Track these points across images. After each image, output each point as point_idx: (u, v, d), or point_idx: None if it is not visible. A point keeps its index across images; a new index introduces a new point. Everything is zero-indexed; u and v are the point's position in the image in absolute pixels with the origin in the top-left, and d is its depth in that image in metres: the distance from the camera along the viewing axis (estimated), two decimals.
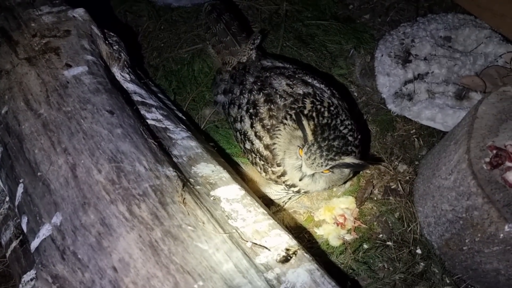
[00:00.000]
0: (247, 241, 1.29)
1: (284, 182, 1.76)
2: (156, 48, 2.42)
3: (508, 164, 1.36)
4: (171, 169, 1.31)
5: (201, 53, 2.35)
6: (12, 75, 1.43)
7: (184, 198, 1.20)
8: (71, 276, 1.10)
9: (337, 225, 1.90)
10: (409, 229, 1.83)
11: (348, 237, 1.87)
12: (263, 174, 1.81)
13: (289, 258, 1.32)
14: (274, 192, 1.91)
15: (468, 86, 2.03)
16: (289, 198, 1.96)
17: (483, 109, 1.49)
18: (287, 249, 1.34)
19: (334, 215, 1.93)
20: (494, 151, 1.39)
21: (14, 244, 1.55)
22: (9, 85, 1.41)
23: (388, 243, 1.81)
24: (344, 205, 1.95)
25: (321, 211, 1.96)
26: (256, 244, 1.30)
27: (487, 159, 1.39)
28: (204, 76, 2.27)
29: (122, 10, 2.53)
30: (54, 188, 1.21)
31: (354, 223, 1.90)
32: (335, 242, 1.85)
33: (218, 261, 1.11)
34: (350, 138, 1.62)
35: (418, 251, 1.78)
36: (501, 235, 1.33)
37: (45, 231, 1.20)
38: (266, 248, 1.30)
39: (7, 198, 1.60)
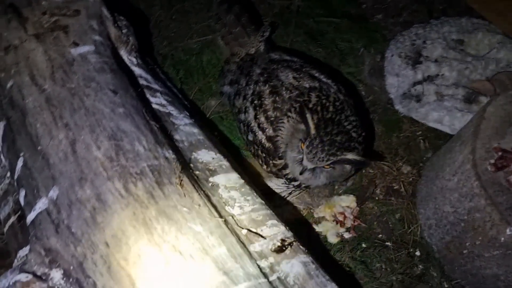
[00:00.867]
0: (242, 228, 1.28)
1: (285, 176, 1.75)
2: (166, 37, 2.42)
3: None
4: (170, 151, 1.30)
5: (211, 45, 2.34)
6: (20, 50, 1.44)
7: (182, 180, 1.20)
8: (64, 250, 1.10)
9: (337, 223, 1.88)
10: (409, 230, 1.80)
11: (347, 235, 1.85)
12: (265, 166, 1.80)
13: (284, 248, 1.31)
14: (275, 186, 1.89)
15: (478, 90, 2.00)
16: (290, 193, 1.95)
17: (491, 110, 1.46)
18: (283, 240, 1.33)
19: (334, 213, 1.91)
20: (500, 153, 1.37)
21: (12, 219, 1.55)
22: (16, 60, 1.42)
23: (387, 243, 1.79)
24: (344, 203, 1.93)
25: (321, 208, 1.94)
26: (251, 231, 1.29)
27: (492, 161, 1.37)
28: (212, 67, 2.27)
29: None
30: (53, 163, 1.21)
31: (354, 221, 1.88)
32: (333, 239, 1.83)
33: (211, 244, 1.09)
34: (353, 134, 1.61)
35: (417, 253, 1.75)
36: (502, 238, 1.31)
37: (41, 204, 1.20)
38: (262, 236, 1.29)
39: (8, 174, 1.61)
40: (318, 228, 1.87)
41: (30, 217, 1.23)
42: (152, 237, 1.05)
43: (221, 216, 1.21)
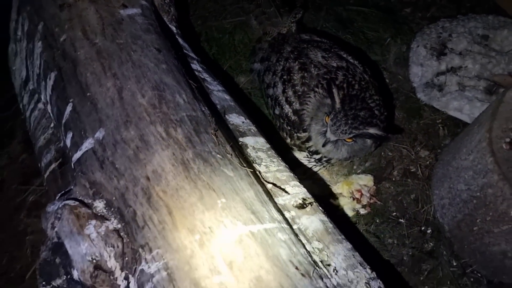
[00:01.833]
0: (268, 183, 1.38)
1: (307, 149, 1.84)
2: (201, 17, 2.54)
3: None
4: (206, 108, 1.41)
5: (244, 25, 2.45)
6: (73, 8, 1.56)
7: (217, 131, 1.30)
8: (107, 183, 1.21)
9: (353, 199, 1.97)
10: (423, 210, 1.88)
11: (363, 211, 1.93)
12: (288, 140, 1.90)
13: (305, 206, 1.40)
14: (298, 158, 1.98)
15: (500, 83, 2.06)
16: (310, 168, 2.04)
17: (511, 95, 1.53)
18: (304, 199, 1.43)
19: (352, 190, 2.00)
20: None
21: (53, 165, 1.68)
22: (70, 16, 1.54)
23: (400, 220, 1.87)
24: (362, 181, 2.02)
25: (339, 185, 2.03)
26: (276, 185, 1.38)
27: (508, 140, 1.44)
28: (243, 46, 2.38)
29: None
30: (101, 107, 1.33)
31: (370, 199, 1.96)
32: (349, 213, 1.92)
33: (241, 188, 1.19)
34: (376, 112, 1.69)
35: (429, 231, 1.83)
36: None
37: (87, 144, 1.31)
38: (285, 191, 1.39)
39: (52, 124, 1.74)
40: (335, 203, 1.96)
41: (76, 156, 1.35)
42: (188, 174, 1.15)
43: (250, 167, 1.31)
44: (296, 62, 1.86)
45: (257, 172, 1.38)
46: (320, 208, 1.41)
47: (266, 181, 1.38)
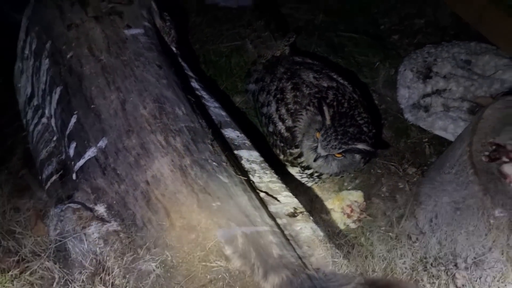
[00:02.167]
0: (261, 191, 1.46)
1: (299, 164, 1.92)
2: (199, 41, 2.66)
3: (504, 159, 1.50)
4: (204, 121, 1.50)
5: (240, 49, 2.57)
6: (81, 28, 1.67)
7: (213, 141, 1.39)
8: (109, 188, 1.29)
9: (344, 214, 2.04)
10: (411, 224, 1.94)
11: (353, 226, 2.00)
12: (282, 156, 1.98)
13: (296, 214, 1.48)
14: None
15: (482, 104, 2.17)
16: (303, 184, 2.11)
17: (489, 112, 1.64)
18: (295, 208, 1.50)
19: (343, 206, 2.06)
20: (494, 147, 1.53)
21: (54, 177, 1.75)
22: (77, 35, 1.65)
23: (389, 233, 1.93)
24: (353, 197, 2.09)
25: (330, 201, 2.10)
26: (268, 194, 1.46)
27: (487, 153, 1.53)
28: (239, 69, 2.49)
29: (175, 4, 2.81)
30: (104, 118, 1.41)
31: (360, 214, 2.03)
32: (340, 226, 1.98)
33: (235, 193, 1.27)
34: (364, 129, 1.78)
35: (416, 243, 1.88)
36: (492, 220, 1.46)
37: (90, 152, 1.39)
38: (277, 200, 1.46)
39: (54, 137, 1.81)
40: (326, 217, 2.02)
41: (79, 164, 1.42)
42: (186, 179, 1.23)
43: (245, 176, 1.39)
44: (289, 82, 1.97)
45: (250, 182, 1.45)
46: (311, 217, 1.48)
47: (259, 190, 1.45)
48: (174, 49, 1.96)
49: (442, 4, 2.74)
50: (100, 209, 1.27)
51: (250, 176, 1.52)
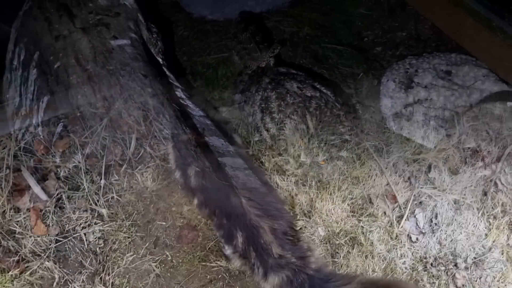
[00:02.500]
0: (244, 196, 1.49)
1: (285, 172, 1.95)
2: (186, 53, 2.71)
3: None
4: (187, 128, 1.53)
5: (226, 61, 2.62)
6: (68, 39, 1.71)
7: (196, 148, 1.42)
8: None
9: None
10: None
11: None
12: (267, 163, 2.02)
13: None
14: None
15: (462, 114, 2.24)
16: None
17: None
18: None
19: None
20: None
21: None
22: (64, 46, 1.69)
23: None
24: None
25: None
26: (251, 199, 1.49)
27: None
28: (225, 80, 2.53)
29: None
30: (90, 125, 1.44)
31: None
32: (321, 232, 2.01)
33: None
34: (347, 137, 1.84)
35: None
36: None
37: (75, 160, 1.42)
38: None
39: (42, 146, 1.83)
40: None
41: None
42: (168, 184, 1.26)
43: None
44: (273, 92, 2.02)
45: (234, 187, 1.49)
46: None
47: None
48: (160, 60, 2.00)
49: (423, 18, 2.83)
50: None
51: (234, 182, 1.55)
